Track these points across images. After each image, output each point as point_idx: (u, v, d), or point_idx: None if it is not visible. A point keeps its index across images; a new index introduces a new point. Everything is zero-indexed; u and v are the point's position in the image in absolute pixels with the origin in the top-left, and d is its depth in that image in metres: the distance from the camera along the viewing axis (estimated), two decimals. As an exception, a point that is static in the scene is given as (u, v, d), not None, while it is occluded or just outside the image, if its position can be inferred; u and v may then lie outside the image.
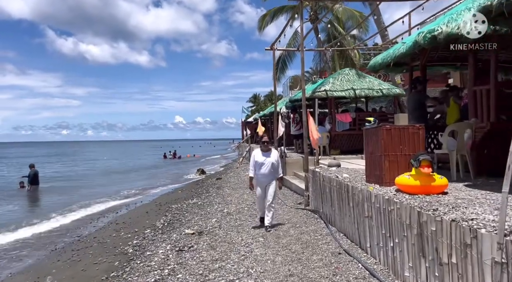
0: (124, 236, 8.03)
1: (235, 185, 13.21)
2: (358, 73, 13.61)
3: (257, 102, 71.05)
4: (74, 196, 15.91)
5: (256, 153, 6.63)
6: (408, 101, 7.22)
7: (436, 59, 7.56)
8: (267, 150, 6.58)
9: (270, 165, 6.48)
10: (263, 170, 6.49)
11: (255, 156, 6.58)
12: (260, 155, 6.54)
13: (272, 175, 6.58)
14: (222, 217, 8.25)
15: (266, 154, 6.55)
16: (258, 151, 6.64)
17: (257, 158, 6.54)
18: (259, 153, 6.59)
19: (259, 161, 6.50)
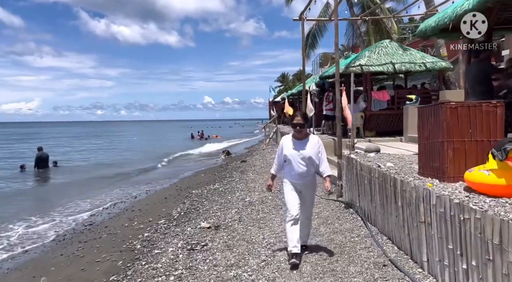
0: (136, 226, 7.32)
1: (260, 169, 12.29)
2: (399, 46, 12.14)
3: (285, 82, 69.40)
4: (95, 179, 15.54)
5: (285, 142, 4.33)
6: (468, 73, 5.92)
7: (502, 21, 6.17)
8: (302, 136, 4.25)
9: (307, 160, 4.16)
10: (296, 168, 4.20)
11: (283, 146, 4.30)
12: (291, 145, 4.24)
13: (311, 175, 4.30)
14: (243, 207, 7.37)
15: (301, 143, 4.23)
16: (288, 139, 4.34)
17: (286, 149, 4.24)
18: (289, 141, 4.30)
19: (288, 154, 4.20)
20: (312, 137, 4.32)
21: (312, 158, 4.15)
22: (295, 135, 4.25)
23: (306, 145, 4.18)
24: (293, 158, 4.16)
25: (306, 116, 4.35)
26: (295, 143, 4.23)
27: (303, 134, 4.23)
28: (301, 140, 4.22)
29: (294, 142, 4.24)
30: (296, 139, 4.25)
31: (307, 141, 4.22)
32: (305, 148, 4.16)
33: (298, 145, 4.20)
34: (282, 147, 4.31)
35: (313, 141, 4.25)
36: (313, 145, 4.21)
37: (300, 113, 4.28)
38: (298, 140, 4.23)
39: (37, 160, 17.10)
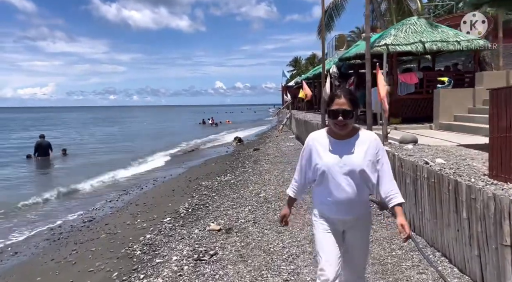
0: (139, 225, 6.55)
1: (274, 158, 11.44)
2: (428, 23, 10.96)
3: (298, 66, 67.80)
4: (102, 166, 14.88)
5: (315, 142, 2.39)
6: None
7: None
8: (348, 134, 2.31)
9: (356, 176, 2.26)
10: (335, 191, 2.29)
11: (312, 149, 2.38)
12: (327, 148, 2.33)
13: (363, 204, 2.39)
14: (257, 204, 6.54)
15: (344, 146, 2.31)
16: (320, 137, 2.39)
17: (318, 155, 2.34)
18: (323, 141, 2.36)
19: (323, 164, 2.30)
20: (364, 134, 2.31)
21: (365, 172, 2.21)
22: (334, 131, 2.28)
23: (353, 148, 2.25)
24: (330, 171, 2.24)
25: (355, 98, 2.25)
26: (333, 144, 2.28)
27: (349, 131, 2.26)
28: (344, 140, 2.28)
29: (333, 143, 2.29)
30: (335, 139, 2.29)
31: (356, 140, 2.27)
32: (353, 152, 2.24)
33: (340, 147, 2.26)
34: (310, 151, 2.36)
35: (367, 141, 2.27)
36: (367, 148, 2.24)
37: (344, 92, 2.25)
38: (338, 140, 2.29)
39: (36, 147, 16.40)
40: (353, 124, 2.25)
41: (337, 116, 2.18)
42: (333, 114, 2.20)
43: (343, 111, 2.17)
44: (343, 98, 2.18)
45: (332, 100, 2.22)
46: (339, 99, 2.19)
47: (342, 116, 2.16)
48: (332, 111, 2.21)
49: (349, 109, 2.17)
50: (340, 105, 2.18)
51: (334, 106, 2.20)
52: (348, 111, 2.17)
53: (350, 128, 2.24)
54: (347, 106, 2.17)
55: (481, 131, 8.10)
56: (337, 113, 2.18)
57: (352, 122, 2.22)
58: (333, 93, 2.26)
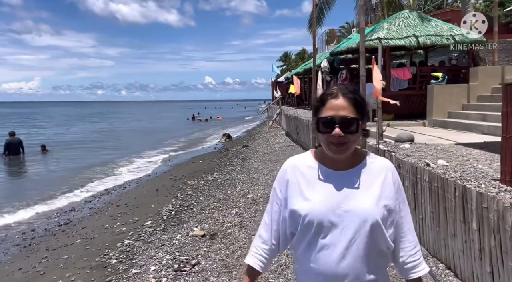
0: (118, 229, 6.12)
1: (263, 156, 11.06)
2: (421, 16, 10.65)
3: (288, 61, 67.47)
4: (83, 165, 14.32)
5: (296, 171, 1.37)
6: None
7: None
8: (349, 162, 1.32)
9: (363, 233, 1.25)
10: (328, 257, 1.26)
11: (290, 183, 1.36)
12: (315, 184, 1.32)
13: (370, 271, 1.28)
14: (245, 206, 6.16)
15: (342, 180, 1.31)
16: (303, 165, 1.37)
17: (297, 192, 1.33)
18: (309, 171, 1.35)
19: (305, 209, 1.29)
20: (376, 162, 1.36)
21: (379, 226, 1.26)
22: (327, 156, 1.32)
23: (359, 184, 1.30)
24: (320, 223, 1.27)
25: (360, 98, 1.29)
26: (326, 177, 1.33)
27: (352, 155, 1.32)
28: (344, 170, 1.33)
29: (325, 176, 1.33)
30: (329, 168, 1.34)
31: (362, 172, 1.33)
32: (359, 192, 1.29)
33: (337, 183, 1.31)
34: (286, 187, 1.37)
35: (381, 173, 1.33)
36: (382, 185, 1.31)
37: (343, 88, 1.29)
38: (334, 170, 1.33)
39: (6, 146, 15.21)
40: (358, 144, 1.32)
41: (331, 128, 1.22)
42: (325, 126, 1.23)
43: (341, 120, 1.22)
44: (342, 98, 1.24)
45: (324, 103, 1.27)
46: (335, 100, 1.24)
47: (340, 128, 1.21)
48: (324, 120, 1.24)
49: (352, 116, 1.23)
50: (336, 111, 1.23)
51: (327, 112, 1.24)
52: (349, 121, 1.22)
53: (352, 149, 1.28)
54: (349, 112, 1.23)
55: (476, 128, 7.84)
56: (332, 124, 1.22)
57: (357, 139, 1.27)
58: (326, 91, 1.31)
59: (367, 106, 1.32)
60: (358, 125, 1.24)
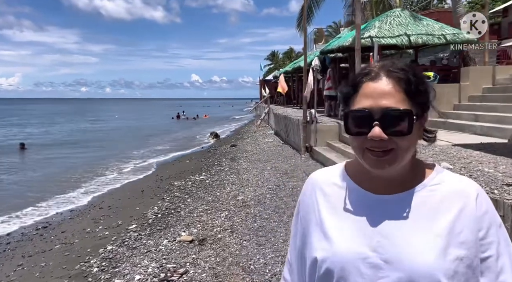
0: (100, 233, 5.79)
1: (252, 156, 10.81)
2: (413, 15, 10.56)
3: (275, 60, 67.42)
4: (65, 163, 13.83)
5: (318, 191, 0.92)
6: None
7: None
8: (399, 181, 0.83)
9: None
10: None
11: (310, 210, 0.92)
12: (341, 210, 0.87)
13: None
14: (235, 209, 5.89)
15: (386, 210, 0.82)
16: (330, 180, 0.92)
17: (317, 227, 0.88)
18: (336, 192, 0.90)
19: (325, 254, 0.84)
20: (444, 181, 0.84)
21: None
22: (364, 171, 0.84)
23: (412, 217, 0.81)
24: (345, 276, 0.81)
25: (419, 82, 0.80)
26: (360, 201, 0.86)
27: (400, 168, 0.81)
28: (392, 194, 0.84)
29: (358, 199, 0.87)
30: (366, 190, 0.86)
31: (419, 196, 0.83)
32: (409, 227, 0.80)
33: (375, 211, 0.84)
34: (304, 217, 0.94)
35: (455, 203, 0.81)
36: (451, 221, 0.79)
37: (392, 64, 0.81)
38: (375, 193, 0.85)
39: None
40: (415, 152, 0.84)
41: (367, 126, 0.78)
42: (357, 123, 0.80)
43: (384, 114, 0.77)
44: (386, 79, 0.80)
45: (356, 88, 0.82)
46: (375, 83, 0.80)
47: (382, 126, 0.77)
48: (355, 115, 0.81)
49: (401, 108, 0.77)
50: (376, 99, 0.79)
51: (361, 101, 0.81)
52: (397, 115, 0.77)
53: (405, 161, 0.81)
54: (396, 101, 0.78)
55: (468, 129, 7.75)
56: (368, 120, 0.78)
57: (411, 145, 0.80)
58: (361, 70, 0.85)
59: (430, 92, 0.82)
60: (411, 122, 0.76)
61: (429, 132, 0.88)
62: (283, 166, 8.71)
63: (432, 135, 0.89)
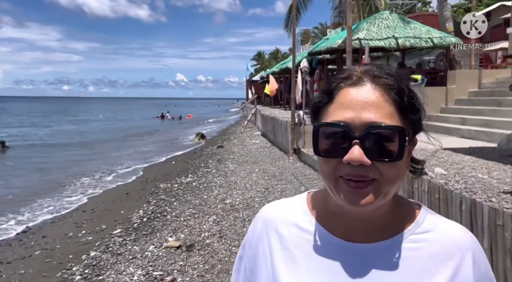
0: (83, 238, 5.59)
1: (240, 157, 10.69)
2: (401, 18, 10.62)
3: (261, 60, 67.50)
4: (46, 164, 13.45)
5: (272, 235, 0.71)
6: None
7: None
8: (376, 225, 0.65)
9: None
10: None
11: (258, 258, 0.71)
12: (303, 262, 0.66)
13: None
14: (223, 213, 5.77)
15: (361, 257, 0.64)
16: (290, 220, 0.71)
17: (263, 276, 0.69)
18: (297, 237, 0.69)
19: None
20: (434, 228, 0.66)
21: None
22: (336, 206, 0.65)
23: (397, 273, 0.63)
24: None
25: (411, 92, 0.62)
26: (330, 250, 0.66)
27: (382, 206, 0.63)
28: (366, 241, 0.65)
29: (327, 247, 0.66)
30: (335, 236, 0.67)
31: (405, 246, 0.65)
32: None
33: (350, 265, 0.64)
34: (251, 261, 0.73)
35: (444, 255, 0.64)
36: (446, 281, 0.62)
37: (377, 69, 0.62)
38: (346, 239, 0.66)
39: None
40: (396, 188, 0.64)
41: (343, 147, 0.59)
42: (332, 142, 0.60)
43: (367, 129, 0.58)
44: (371, 85, 0.61)
45: (331, 95, 0.63)
46: (356, 89, 0.61)
47: (363, 146, 0.58)
48: (330, 130, 0.60)
49: (390, 124, 0.59)
50: (357, 110, 0.59)
51: (338, 113, 0.61)
52: (387, 132, 0.58)
53: (388, 197, 0.62)
54: (383, 115, 0.59)
55: (456, 132, 7.81)
56: (345, 138, 0.59)
57: (398, 176, 0.61)
58: (338, 74, 0.66)
59: (421, 111, 0.64)
60: (402, 143, 0.58)
61: (417, 162, 0.69)
62: (271, 168, 8.62)
63: (420, 167, 0.69)
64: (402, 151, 0.58)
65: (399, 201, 0.68)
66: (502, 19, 21.50)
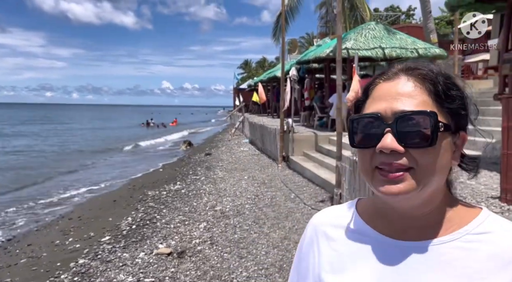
0: (70, 246, 5.48)
1: (228, 165, 10.68)
2: (387, 29, 10.87)
3: (248, 69, 67.82)
4: (29, 170, 13.18)
5: (322, 237, 0.72)
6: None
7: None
8: (425, 221, 0.63)
9: None
10: None
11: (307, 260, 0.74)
12: (341, 257, 0.68)
13: None
14: (214, 220, 5.75)
15: (405, 255, 0.62)
16: (340, 222, 0.72)
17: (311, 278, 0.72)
18: (333, 234, 0.71)
19: None
20: (491, 231, 0.61)
21: None
22: (379, 204, 0.68)
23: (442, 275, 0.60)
24: None
25: (450, 82, 0.62)
26: (375, 247, 0.66)
27: (425, 198, 0.61)
28: (409, 239, 0.64)
29: (373, 244, 0.66)
30: (381, 233, 0.66)
31: (455, 248, 0.61)
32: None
33: (393, 261, 0.63)
34: (304, 266, 0.75)
35: (501, 262, 0.58)
36: None
37: (412, 62, 0.65)
38: (391, 236, 0.65)
39: None
40: (450, 187, 0.68)
41: (376, 136, 0.60)
42: (365, 132, 0.62)
43: (399, 118, 0.59)
44: (404, 77, 0.62)
45: (368, 92, 0.66)
46: (389, 82, 0.63)
47: (396, 134, 0.58)
48: (363, 121, 0.63)
49: (421, 110, 0.59)
50: (390, 101, 0.61)
51: (373, 105, 0.63)
52: (417, 117, 0.58)
53: (430, 190, 0.60)
54: (417, 104, 0.60)
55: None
56: (378, 127, 0.60)
57: (439, 163, 0.59)
58: (377, 74, 0.68)
59: (468, 103, 0.64)
60: (435, 129, 0.57)
61: (469, 158, 0.67)
62: (261, 176, 8.64)
63: (473, 165, 0.68)
64: (434, 136, 0.57)
65: (452, 201, 0.66)
66: (482, 31, 22.19)
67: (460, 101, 0.62)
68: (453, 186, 0.68)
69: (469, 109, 0.65)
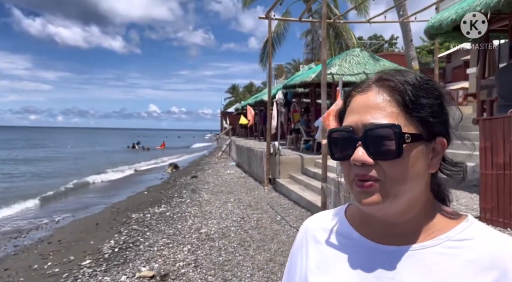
0: (49, 270, 5.30)
1: (214, 187, 10.60)
2: (371, 55, 11.21)
3: (235, 93, 68.55)
4: (6, 192, 12.83)
5: (310, 238, 0.75)
6: (499, 77, 4.73)
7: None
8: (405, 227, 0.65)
9: None
10: None
11: (297, 258, 0.77)
12: (326, 259, 0.70)
13: None
14: (198, 243, 5.66)
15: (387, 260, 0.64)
16: (328, 224, 0.75)
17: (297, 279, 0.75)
18: (319, 236, 0.74)
19: None
20: (472, 237, 0.61)
21: None
22: (363, 216, 0.70)
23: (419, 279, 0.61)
24: None
25: (423, 89, 0.62)
26: (359, 250, 0.68)
27: (400, 207, 0.63)
28: (400, 246, 0.64)
29: (357, 247, 0.68)
30: (366, 238, 0.68)
31: (433, 254, 0.62)
32: None
33: (375, 265, 0.64)
34: (293, 267, 0.78)
35: (479, 270, 0.58)
36: None
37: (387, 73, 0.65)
38: (376, 240, 0.67)
39: None
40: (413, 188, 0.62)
41: (350, 148, 0.62)
42: (339, 145, 0.64)
43: (367, 130, 0.60)
44: (375, 89, 0.63)
45: (345, 104, 0.68)
46: (362, 95, 0.64)
47: (365, 146, 0.61)
48: (338, 135, 0.65)
49: (387, 122, 0.60)
50: (360, 114, 0.62)
51: (348, 118, 0.65)
52: (381, 130, 0.60)
53: (404, 198, 0.61)
54: (386, 115, 0.61)
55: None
56: (350, 141, 0.62)
57: (409, 173, 0.60)
58: (356, 85, 0.68)
59: (445, 110, 0.65)
60: (400, 140, 0.58)
61: (452, 164, 0.67)
62: (247, 198, 8.60)
63: (457, 169, 0.67)
64: (400, 148, 0.58)
65: (436, 207, 0.66)
66: (462, 60, 23.09)
67: (430, 109, 0.61)
68: (441, 189, 0.68)
69: (447, 114, 0.65)
